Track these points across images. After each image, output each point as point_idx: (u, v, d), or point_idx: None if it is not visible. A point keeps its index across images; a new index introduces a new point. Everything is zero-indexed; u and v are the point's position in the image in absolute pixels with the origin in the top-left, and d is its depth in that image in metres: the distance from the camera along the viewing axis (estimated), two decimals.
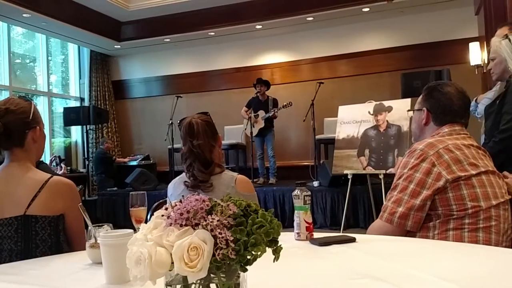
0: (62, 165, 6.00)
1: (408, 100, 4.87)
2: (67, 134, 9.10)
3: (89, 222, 1.32)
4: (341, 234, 1.55)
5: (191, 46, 8.71)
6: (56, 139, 8.86)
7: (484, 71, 5.40)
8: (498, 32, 2.82)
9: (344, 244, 1.37)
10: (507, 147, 2.17)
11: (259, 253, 0.74)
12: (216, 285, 0.78)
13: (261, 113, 6.88)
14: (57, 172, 5.36)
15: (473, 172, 1.50)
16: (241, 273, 0.79)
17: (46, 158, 7.18)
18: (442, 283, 0.96)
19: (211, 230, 0.74)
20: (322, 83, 6.64)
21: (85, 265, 1.27)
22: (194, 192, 1.86)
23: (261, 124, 6.88)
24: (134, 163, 8.17)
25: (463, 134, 1.66)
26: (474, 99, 3.28)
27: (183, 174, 2.03)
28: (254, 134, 6.87)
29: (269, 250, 0.77)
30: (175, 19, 7.96)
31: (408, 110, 1.93)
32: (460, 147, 1.56)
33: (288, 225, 3.04)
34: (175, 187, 2.03)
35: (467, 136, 1.66)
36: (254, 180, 6.88)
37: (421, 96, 1.80)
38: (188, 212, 0.77)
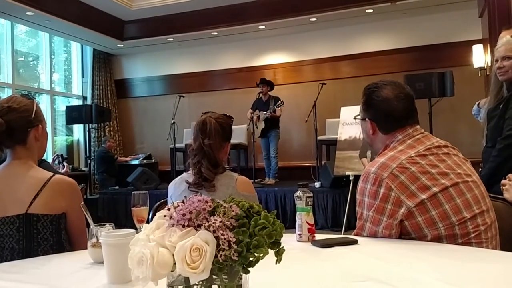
0: (65, 163, 5.99)
1: None
2: (69, 132, 9.11)
3: (91, 222, 1.32)
4: (343, 236, 1.54)
5: (194, 45, 8.71)
6: (58, 137, 8.87)
7: (488, 73, 5.39)
8: (501, 35, 2.79)
9: (346, 246, 1.36)
10: None
11: (261, 255, 0.74)
12: (218, 286, 0.78)
13: (261, 114, 6.88)
14: (60, 171, 5.36)
15: (436, 189, 1.38)
16: (243, 275, 0.78)
17: (48, 156, 7.20)
18: (445, 286, 0.96)
19: (214, 231, 0.74)
20: (325, 84, 6.64)
21: (86, 265, 1.27)
22: (195, 192, 1.87)
23: (262, 125, 6.89)
24: (136, 162, 8.17)
25: (418, 135, 1.53)
26: (477, 103, 3.23)
27: (184, 174, 2.03)
28: (257, 136, 6.87)
29: (271, 252, 0.77)
30: (178, 18, 7.96)
31: (355, 117, 1.76)
32: (416, 160, 1.43)
33: (289, 226, 3.03)
34: (176, 187, 2.02)
35: (422, 136, 1.53)
36: (258, 180, 6.89)
37: (361, 104, 1.65)
38: (190, 213, 0.76)
